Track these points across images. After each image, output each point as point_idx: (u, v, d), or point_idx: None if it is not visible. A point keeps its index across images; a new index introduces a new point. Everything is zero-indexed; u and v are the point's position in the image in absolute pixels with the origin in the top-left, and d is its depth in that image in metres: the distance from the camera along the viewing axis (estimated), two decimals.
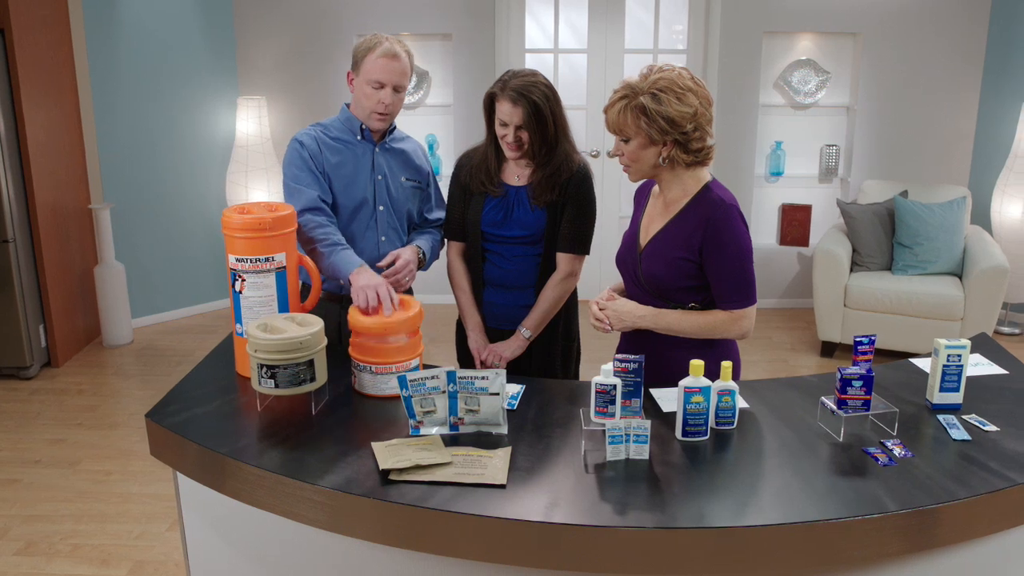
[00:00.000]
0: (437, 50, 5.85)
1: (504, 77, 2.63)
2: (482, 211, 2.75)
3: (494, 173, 2.74)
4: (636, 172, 2.33)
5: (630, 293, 2.46)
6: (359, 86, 2.71)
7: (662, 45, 5.92)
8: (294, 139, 2.74)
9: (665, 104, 2.17)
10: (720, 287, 2.30)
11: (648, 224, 2.40)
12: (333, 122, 2.81)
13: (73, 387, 4.74)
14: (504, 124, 2.61)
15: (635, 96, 2.20)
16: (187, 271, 5.84)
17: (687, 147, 2.24)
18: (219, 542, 2.18)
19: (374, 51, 2.66)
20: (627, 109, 2.21)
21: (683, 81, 2.21)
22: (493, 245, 2.77)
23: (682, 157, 2.25)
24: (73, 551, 3.25)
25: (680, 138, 2.22)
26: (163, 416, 2.13)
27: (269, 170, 5.70)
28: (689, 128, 2.20)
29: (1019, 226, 5.30)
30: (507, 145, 2.64)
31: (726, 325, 2.32)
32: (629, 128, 2.23)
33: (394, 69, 2.67)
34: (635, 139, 2.24)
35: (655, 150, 2.24)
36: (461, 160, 2.85)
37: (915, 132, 5.83)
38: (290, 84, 5.85)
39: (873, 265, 5.18)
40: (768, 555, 1.73)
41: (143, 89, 5.40)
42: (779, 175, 5.96)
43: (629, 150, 2.27)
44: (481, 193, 2.76)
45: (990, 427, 2.08)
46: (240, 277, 2.27)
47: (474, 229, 2.78)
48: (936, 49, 5.67)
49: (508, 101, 2.58)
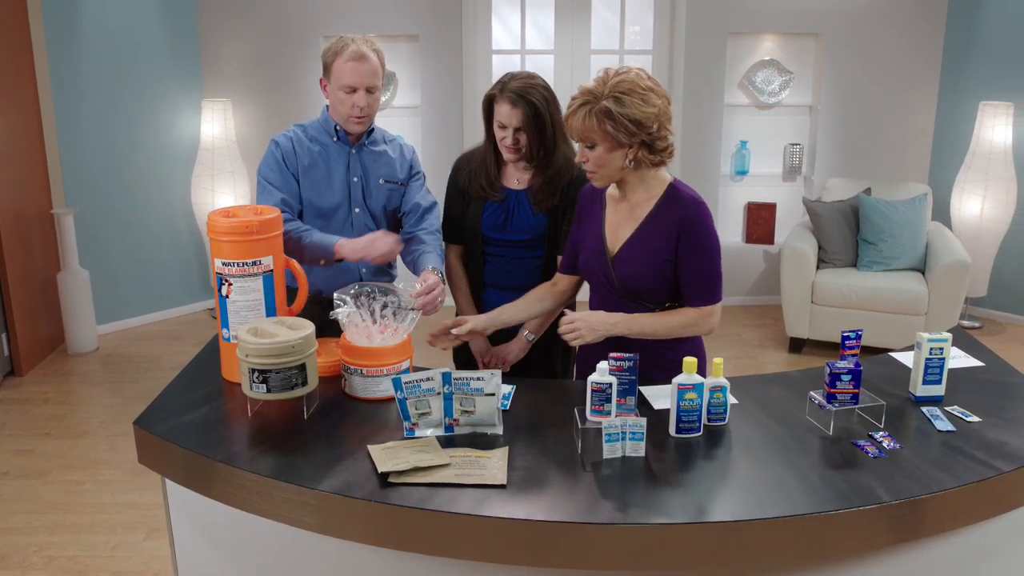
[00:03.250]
0: (404, 51, 5.83)
1: (503, 79, 2.63)
2: (482, 215, 2.75)
3: (494, 177, 2.73)
4: (603, 177, 2.31)
5: (600, 298, 2.46)
6: (333, 92, 2.69)
7: (629, 46, 5.96)
8: (272, 140, 2.76)
9: (629, 106, 2.17)
10: (693, 284, 2.32)
11: (615, 230, 2.40)
12: (313, 123, 2.80)
13: (39, 396, 4.64)
14: (503, 126, 2.61)
15: (597, 100, 2.19)
16: (153, 276, 5.75)
17: (653, 147, 2.25)
18: (211, 550, 2.15)
19: (341, 55, 2.63)
20: (591, 114, 2.19)
21: (643, 82, 2.21)
22: (494, 248, 2.77)
23: (648, 158, 2.26)
24: (48, 564, 3.19)
25: (647, 138, 2.23)
26: (152, 423, 2.10)
27: (235, 173, 5.64)
28: (654, 128, 2.22)
29: (977, 222, 5.43)
30: (505, 148, 2.64)
31: (697, 322, 2.34)
32: (595, 133, 2.21)
33: (364, 71, 2.64)
34: (601, 144, 2.23)
35: (621, 153, 2.24)
36: (459, 163, 2.84)
37: (876, 130, 5.94)
38: (255, 86, 5.79)
39: (839, 262, 5.27)
40: (766, 549, 1.76)
41: (105, 92, 5.31)
42: (744, 174, 6.04)
43: (595, 155, 2.26)
44: (480, 197, 2.75)
45: (973, 418, 2.13)
46: (227, 281, 2.25)
47: (474, 233, 2.78)
48: (895, 49, 5.79)
49: (507, 103, 2.58)
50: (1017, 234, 5.54)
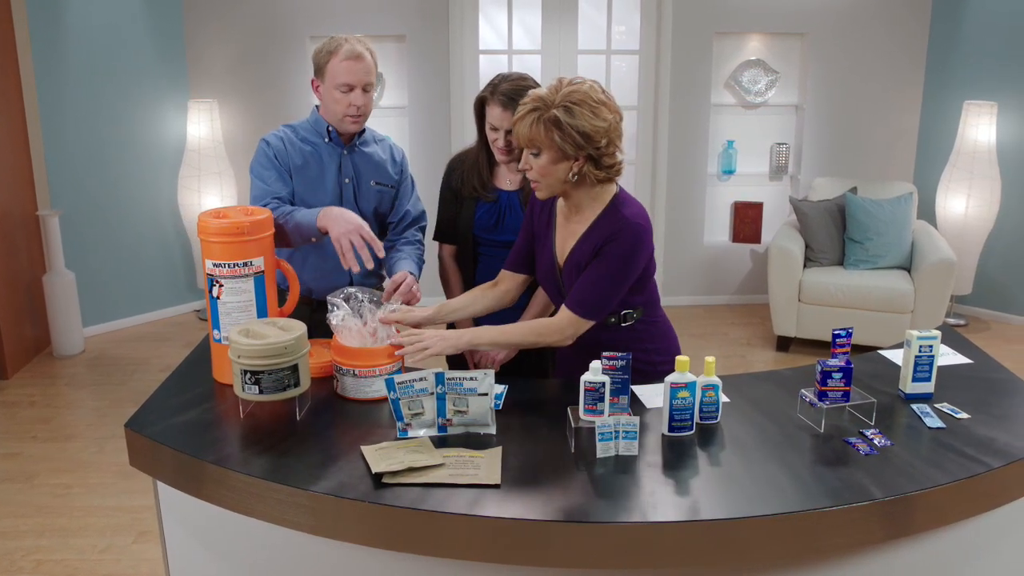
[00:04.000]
0: (391, 52, 5.82)
1: (494, 81, 2.62)
2: (474, 216, 2.75)
3: (486, 178, 2.74)
4: (545, 188, 2.25)
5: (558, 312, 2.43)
6: (327, 92, 2.68)
7: (615, 46, 5.97)
8: (262, 139, 2.76)
9: (579, 117, 2.12)
10: (579, 289, 2.26)
11: (563, 242, 2.37)
12: (303, 123, 2.80)
13: (25, 399, 4.61)
14: (495, 128, 2.61)
15: (547, 108, 2.14)
16: (139, 277, 5.71)
17: (599, 162, 2.20)
18: (203, 553, 2.14)
19: (337, 54, 2.63)
20: (539, 121, 2.14)
21: (596, 95, 2.16)
22: (486, 248, 2.77)
23: (594, 173, 2.21)
24: (36, 567, 3.17)
25: (594, 153, 2.18)
26: (143, 426, 2.09)
27: (222, 174, 5.61)
28: (603, 143, 2.17)
29: (962, 220, 5.47)
30: (498, 149, 2.65)
31: (550, 331, 2.29)
32: (541, 141, 2.16)
33: (360, 70, 2.65)
34: (546, 152, 2.18)
35: (567, 165, 2.19)
36: (452, 163, 2.84)
37: (862, 130, 5.98)
38: (242, 86, 5.76)
39: (826, 260, 5.30)
40: (760, 546, 1.77)
41: (91, 92, 5.27)
42: (731, 173, 6.06)
43: (539, 164, 2.20)
44: (473, 198, 2.75)
45: (962, 415, 2.14)
46: (218, 282, 2.24)
47: (466, 233, 2.78)
48: (880, 48, 5.83)
49: (499, 105, 2.58)
50: (1001, 232, 5.59)
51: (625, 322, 2.35)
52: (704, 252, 6.16)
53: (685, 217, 6.06)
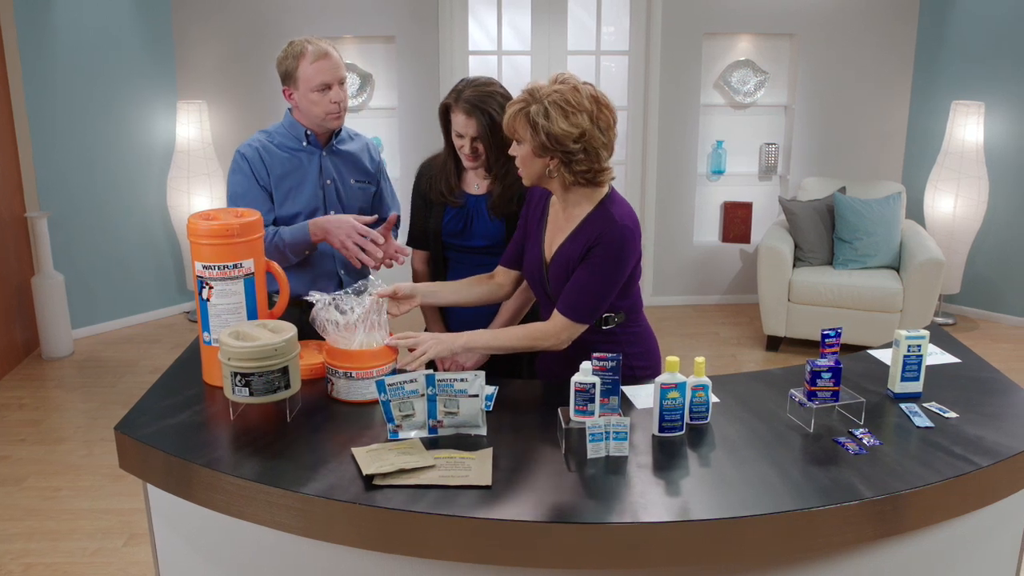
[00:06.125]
0: (380, 52, 5.82)
1: (458, 86, 2.59)
2: (442, 221, 2.74)
3: (454, 183, 2.72)
4: (527, 176, 2.29)
5: (543, 308, 2.46)
6: (303, 96, 2.69)
7: (605, 47, 5.98)
8: (237, 151, 2.76)
9: (552, 120, 2.14)
10: (570, 293, 2.28)
11: (551, 238, 2.38)
12: (278, 128, 2.80)
13: (13, 402, 4.59)
14: (460, 135, 2.59)
15: (530, 104, 2.17)
16: (128, 279, 5.69)
17: (571, 167, 2.21)
18: (194, 555, 2.14)
19: (304, 57, 2.66)
20: (521, 113, 2.19)
21: (577, 98, 2.15)
22: (455, 254, 2.76)
23: (565, 175, 2.23)
24: (26, 571, 3.15)
25: (563, 156, 2.19)
26: (133, 428, 2.08)
27: (212, 176, 5.60)
28: (574, 148, 2.17)
29: (950, 220, 5.50)
30: (464, 156, 2.63)
31: (545, 336, 2.31)
32: (520, 133, 2.22)
33: (332, 66, 2.68)
34: (525, 144, 2.23)
35: (542, 162, 2.23)
36: (421, 169, 2.83)
37: (850, 130, 6.00)
38: (231, 88, 5.75)
39: (815, 260, 5.32)
40: (750, 546, 1.77)
41: (79, 93, 5.25)
42: (720, 173, 6.08)
43: (521, 153, 2.25)
44: (441, 203, 2.74)
45: (950, 414, 2.15)
46: (207, 284, 2.23)
47: (435, 238, 2.77)
48: (869, 49, 5.85)
49: (462, 113, 2.55)
50: (989, 231, 5.62)
51: (607, 324, 2.36)
52: (694, 252, 6.17)
53: (675, 217, 6.08)
